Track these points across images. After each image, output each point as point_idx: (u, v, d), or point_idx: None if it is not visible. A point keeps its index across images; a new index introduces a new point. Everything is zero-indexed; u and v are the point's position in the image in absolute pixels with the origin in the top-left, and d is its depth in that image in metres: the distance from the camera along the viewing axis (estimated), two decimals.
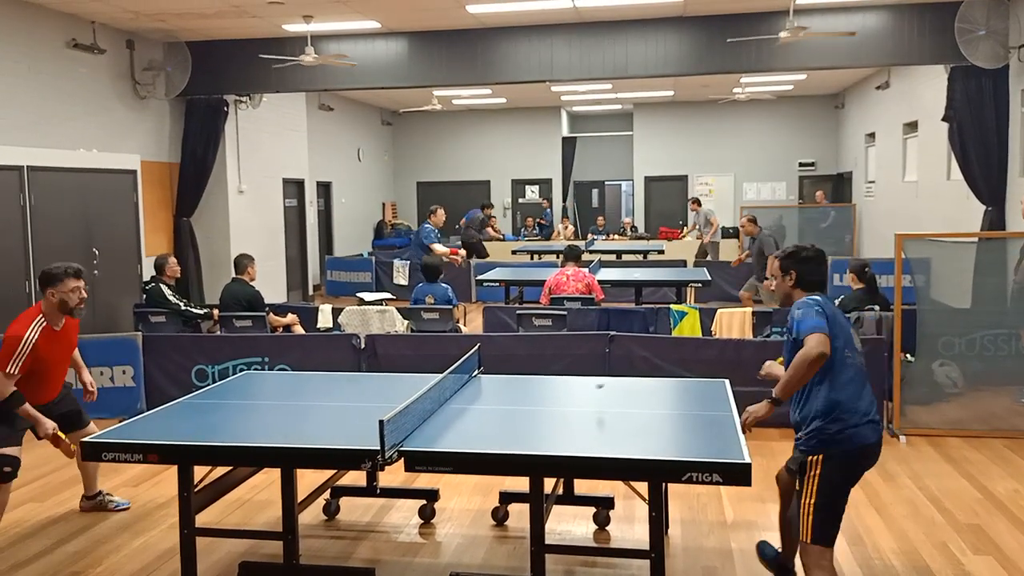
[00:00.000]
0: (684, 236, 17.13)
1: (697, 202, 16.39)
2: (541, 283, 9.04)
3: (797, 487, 3.48)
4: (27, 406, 4.52)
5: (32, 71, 8.89)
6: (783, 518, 3.92)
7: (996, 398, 6.72)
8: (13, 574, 4.36)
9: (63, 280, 4.62)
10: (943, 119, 10.29)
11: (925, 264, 7.48)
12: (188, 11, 9.59)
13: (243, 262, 8.35)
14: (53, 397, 4.85)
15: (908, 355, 6.68)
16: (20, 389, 4.58)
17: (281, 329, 8.33)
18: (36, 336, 4.55)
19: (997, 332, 6.80)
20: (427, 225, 11.98)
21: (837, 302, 7.88)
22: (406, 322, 8.30)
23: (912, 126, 13.85)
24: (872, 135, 16.50)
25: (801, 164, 19.83)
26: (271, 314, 8.31)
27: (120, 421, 4.20)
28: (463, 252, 12.70)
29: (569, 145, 21.21)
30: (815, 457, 3.41)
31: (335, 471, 4.74)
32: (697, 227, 16.20)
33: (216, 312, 8.28)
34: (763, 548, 4.12)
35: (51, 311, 4.67)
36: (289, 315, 8.62)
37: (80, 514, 5.16)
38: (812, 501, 3.38)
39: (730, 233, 18.10)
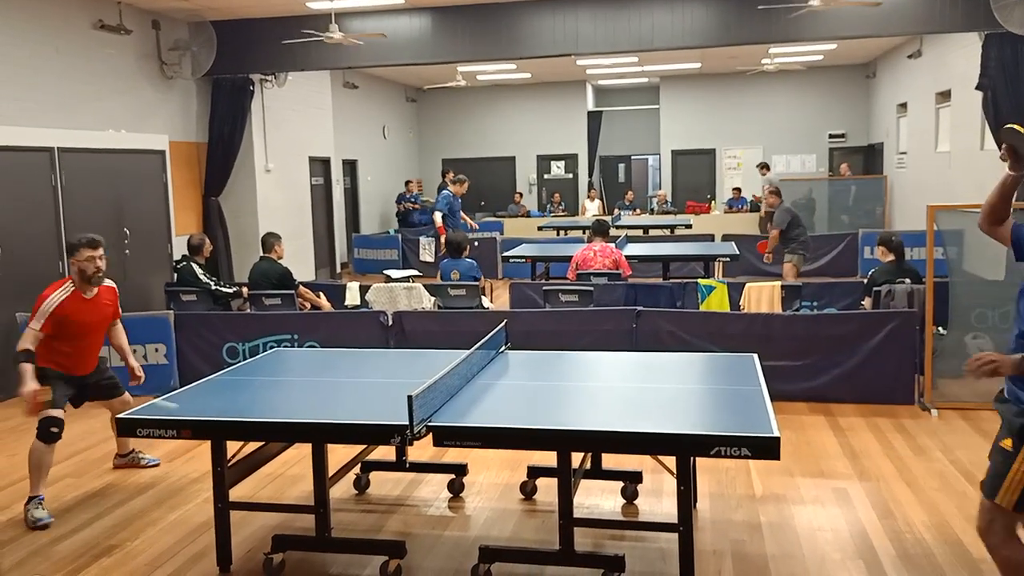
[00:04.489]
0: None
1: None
2: (567, 259, 9.02)
3: (1011, 449, 2.98)
4: (27, 365, 4.71)
5: (59, 53, 8.96)
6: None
7: None
8: (52, 548, 4.46)
9: (78, 250, 4.91)
10: (977, 87, 10.08)
11: (958, 236, 7.36)
12: None
13: (270, 240, 8.42)
14: (89, 370, 5.09)
15: (940, 328, 6.60)
16: (57, 359, 4.87)
17: (309, 305, 8.41)
18: (62, 299, 4.85)
19: None
20: (446, 192, 11.81)
21: (868, 275, 7.81)
22: (433, 299, 8.33)
23: (945, 95, 13.59)
24: (904, 105, 16.20)
25: (831, 136, 19.55)
26: (301, 287, 8.38)
27: (154, 398, 4.26)
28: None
29: (595, 119, 21.05)
30: None
31: (365, 446, 4.79)
32: None
33: (245, 290, 8.37)
34: None
35: (76, 279, 4.96)
36: (322, 297, 8.67)
37: (116, 489, 5.26)
38: None
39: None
